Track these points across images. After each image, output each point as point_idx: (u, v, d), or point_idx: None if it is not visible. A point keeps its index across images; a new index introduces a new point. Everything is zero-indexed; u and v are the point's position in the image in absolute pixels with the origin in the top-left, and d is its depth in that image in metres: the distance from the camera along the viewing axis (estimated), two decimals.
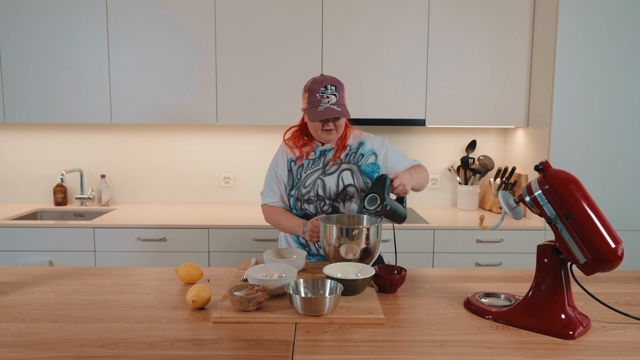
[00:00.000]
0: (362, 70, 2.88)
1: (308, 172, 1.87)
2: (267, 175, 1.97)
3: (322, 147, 1.89)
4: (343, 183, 1.84)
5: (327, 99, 1.75)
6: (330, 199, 1.85)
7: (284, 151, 1.93)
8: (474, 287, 1.57)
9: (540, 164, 1.26)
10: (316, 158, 1.88)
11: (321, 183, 1.85)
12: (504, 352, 1.13)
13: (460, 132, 3.27)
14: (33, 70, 2.88)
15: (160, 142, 3.27)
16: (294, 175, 1.89)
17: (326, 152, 1.89)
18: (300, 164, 1.89)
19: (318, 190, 1.85)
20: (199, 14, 2.85)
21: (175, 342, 1.17)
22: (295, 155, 1.90)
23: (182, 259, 2.71)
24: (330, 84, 1.77)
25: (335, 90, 1.76)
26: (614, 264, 1.17)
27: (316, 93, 1.76)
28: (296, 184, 1.88)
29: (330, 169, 1.86)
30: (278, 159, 1.94)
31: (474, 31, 2.87)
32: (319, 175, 1.86)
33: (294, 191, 1.88)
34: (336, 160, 1.87)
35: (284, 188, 1.93)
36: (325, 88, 1.75)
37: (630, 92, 2.66)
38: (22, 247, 2.69)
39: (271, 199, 1.95)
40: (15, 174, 3.29)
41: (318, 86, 1.76)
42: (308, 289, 1.39)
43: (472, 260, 2.73)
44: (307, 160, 1.89)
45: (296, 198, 1.88)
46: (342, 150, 1.88)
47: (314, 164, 1.88)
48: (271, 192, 1.95)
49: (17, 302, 1.42)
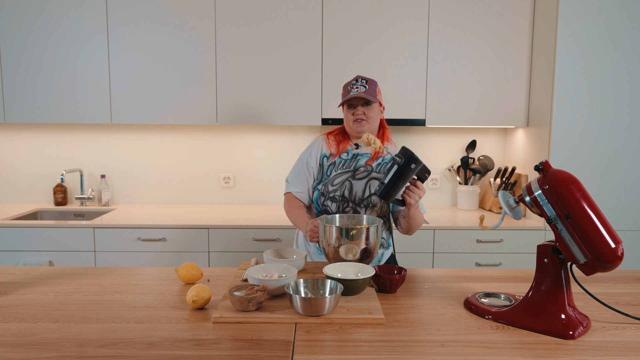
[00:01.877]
0: (362, 70, 2.88)
1: (338, 171, 1.90)
2: (297, 164, 2.00)
3: (356, 151, 1.93)
4: (369, 191, 1.87)
5: (357, 89, 1.85)
6: (354, 202, 1.87)
7: (321, 144, 1.98)
8: (474, 287, 1.57)
9: (540, 164, 1.26)
10: (348, 159, 1.91)
11: (349, 185, 1.87)
12: (504, 352, 1.13)
13: (460, 132, 3.27)
14: (33, 70, 2.88)
15: (160, 142, 3.27)
16: (324, 171, 1.92)
17: (359, 157, 1.92)
18: (332, 162, 1.91)
19: (345, 191, 1.87)
20: (199, 14, 2.85)
21: (175, 342, 1.17)
22: (329, 151, 1.94)
23: (182, 259, 2.71)
24: (362, 78, 1.88)
25: (366, 83, 1.86)
26: (614, 264, 1.17)
27: (348, 86, 1.88)
28: (325, 179, 1.91)
29: (361, 174, 1.89)
30: (312, 150, 1.97)
31: (474, 31, 2.87)
32: (348, 177, 1.88)
33: (321, 186, 1.91)
34: (367, 167, 1.89)
35: (311, 180, 1.96)
36: (357, 81, 1.87)
37: (630, 92, 2.65)
38: (22, 247, 2.69)
39: (297, 188, 1.97)
40: (15, 174, 3.29)
41: (352, 80, 1.89)
42: (308, 289, 1.39)
43: (472, 260, 2.73)
44: (339, 158, 1.92)
45: (321, 193, 1.90)
46: (375, 158, 1.91)
47: (344, 165, 1.90)
48: (298, 181, 1.97)
49: (17, 302, 1.42)
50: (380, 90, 1.91)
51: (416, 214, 1.81)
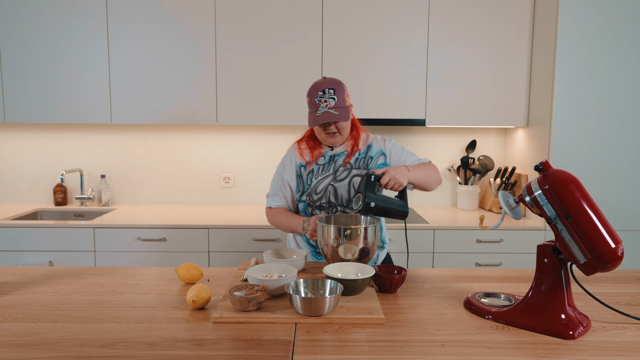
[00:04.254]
0: (362, 70, 2.88)
1: (319, 178, 1.85)
2: (274, 179, 1.96)
3: (331, 152, 1.88)
4: (354, 189, 1.83)
5: (326, 103, 1.73)
6: (342, 205, 1.84)
7: (293, 156, 1.92)
8: (474, 287, 1.57)
9: (540, 164, 1.26)
10: (326, 163, 1.87)
11: (333, 190, 1.84)
12: (504, 352, 1.13)
13: (460, 132, 3.27)
14: (33, 70, 2.88)
15: (160, 142, 3.27)
16: (304, 181, 1.87)
17: (336, 157, 1.87)
18: (310, 169, 1.87)
19: (330, 197, 1.84)
20: (199, 14, 2.85)
21: (175, 342, 1.17)
22: (305, 160, 1.89)
23: (182, 259, 2.71)
24: (329, 87, 1.75)
25: (334, 93, 1.74)
26: (614, 264, 1.17)
27: (315, 98, 1.75)
28: (307, 189, 1.86)
29: (341, 175, 1.85)
30: (286, 163, 1.92)
31: (474, 31, 2.87)
32: (330, 181, 1.84)
33: (305, 197, 1.87)
34: (346, 165, 1.85)
35: (289, 193, 1.92)
36: (323, 92, 1.74)
37: (630, 92, 2.65)
38: (22, 247, 2.69)
39: (276, 203, 1.94)
40: (15, 174, 3.29)
41: (316, 91, 1.75)
42: (308, 289, 1.39)
43: (472, 260, 2.73)
44: (316, 165, 1.87)
45: (307, 204, 1.87)
46: (352, 154, 1.87)
47: (324, 170, 1.86)
48: (276, 196, 1.94)
49: (17, 302, 1.42)
50: (347, 92, 1.82)
51: (418, 172, 1.75)
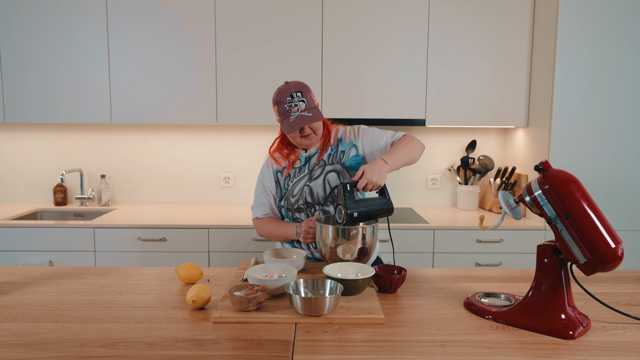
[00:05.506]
0: (362, 70, 2.88)
1: (295, 180, 1.85)
2: (256, 189, 1.95)
3: (306, 154, 1.87)
4: (330, 185, 1.82)
5: (296, 107, 1.71)
6: (320, 203, 1.83)
7: (269, 163, 1.91)
8: (474, 287, 1.57)
9: (540, 164, 1.26)
10: (302, 165, 1.86)
11: (308, 190, 1.83)
12: (504, 352, 1.13)
13: (460, 132, 3.27)
14: (33, 70, 2.88)
15: (160, 142, 3.27)
16: (282, 186, 1.87)
17: (311, 157, 1.87)
18: (287, 175, 1.86)
19: (306, 197, 1.82)
20: (199, 13, 2.85)
21: (175, 342, 1.17)
22: (281, 166, 1.88)
23: (182, 259, 2.71)
24: (295, 91, 1.73)
25: (302, 95, 1.72)
26: (614, 264, 1.17)
27: (284, 104, 1.72)
28: (284, 194, 1.86)
29: (316, 173, 1.83)
30: (264, 171, 1.92)
31: (474, 31, 2.87)
32: (305, 182, 1.84)
33: (284, 201, 1.87)
34: (320, 162, 1.84)
35: (273, 200, 1.91)
36: (292, 97, 1.72)
37: (630, 92, 2.65)
38: (22, 247, 2.69)
39: (261, 212, 1.93)
40: (15, 174, 3.29)
41: (284, 96, 1.73)
42: (308, 289, 1.39)
43: (472, 260, 2.73)
44: (293, 169, 1.86)
45: (287, 208, 1.86)
46: (325, 151, 1.85)
47: (300, 172, 1.85)
48: (261, 205, 1.93)
49: (17, 302, 1.42)
50: (313, 93, 1.79)
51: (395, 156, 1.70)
